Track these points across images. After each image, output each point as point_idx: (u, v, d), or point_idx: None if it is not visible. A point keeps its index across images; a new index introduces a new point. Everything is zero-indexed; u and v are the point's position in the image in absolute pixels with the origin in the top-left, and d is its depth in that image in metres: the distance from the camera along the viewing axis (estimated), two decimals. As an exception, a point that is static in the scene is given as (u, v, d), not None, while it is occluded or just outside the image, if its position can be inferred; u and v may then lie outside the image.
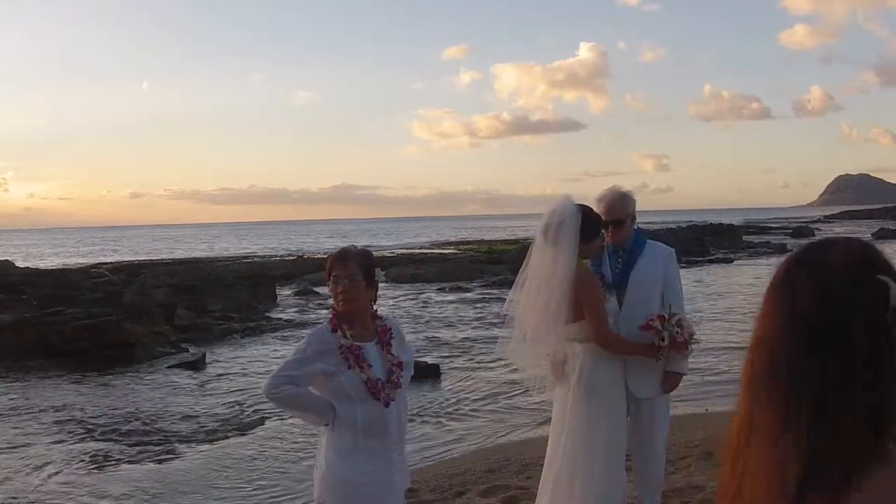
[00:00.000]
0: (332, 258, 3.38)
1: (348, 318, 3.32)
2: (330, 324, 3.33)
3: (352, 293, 3.29)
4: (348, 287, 3.28)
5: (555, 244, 3.93)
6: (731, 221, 65.93)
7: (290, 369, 3.26)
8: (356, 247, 3.53)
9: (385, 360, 3.36)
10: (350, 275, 3.28)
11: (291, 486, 7.09)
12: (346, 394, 3.25)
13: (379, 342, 3.38)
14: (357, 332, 3.32)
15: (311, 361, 3.25)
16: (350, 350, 3.27)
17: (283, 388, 3.25)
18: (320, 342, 3.30)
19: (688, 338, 4.11)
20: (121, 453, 8.23)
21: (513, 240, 48.51)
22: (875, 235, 48.12)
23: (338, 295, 3.29)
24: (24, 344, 13.62)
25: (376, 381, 3.28)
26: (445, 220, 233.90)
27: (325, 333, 3.33)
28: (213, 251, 57.79)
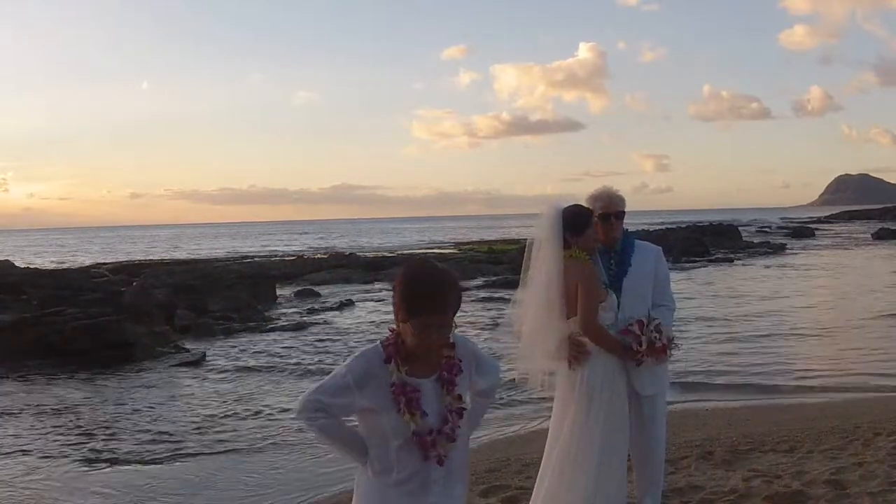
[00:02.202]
0: (423, 299, 2.52)
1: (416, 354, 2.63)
2: (384, 351, 2.62)
3: (445, 341, 2.63)
4: (443, 336, 2.59)
5: (541, 245, 4.02)
6: (733, 220, 65.95)
7: (325, 394, 2.63)
8: (445, 274, 2.62)
9: (443, 403, 2.65)
10: (448, 323, 2.57)
11: (289, 486, 7.09)
12: (385, 437, 2.63)
13: (440, 379, 2.67)
14: (416, 365, 2.62)
15: (350, 392, 2.60)
16: (403, 390, 2.59)
17: (314, 416, 2.64)
18: (365, 372, 2.60)
19: (667, 343, 4.13)
20: (119, 454, 8.22)
21: (513, 240, 48.50)
22: (875, 235, 48.16)
23: (423, 342, 2.56)
24: (24, 344, 13.62)
25: (428, 433, 2.61)
26: (445, 220, 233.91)
27: (373, 362, 2.62)
28: (213, 251, 57.76)
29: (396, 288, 2.57)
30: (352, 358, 2.67)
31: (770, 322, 15.94)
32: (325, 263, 33.72)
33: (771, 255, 37.36)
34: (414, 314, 2.52)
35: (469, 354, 2.75)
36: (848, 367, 11.23)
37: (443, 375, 2.66)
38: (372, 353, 2.64)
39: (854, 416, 7.75)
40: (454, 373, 2.68)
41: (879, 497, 5.04)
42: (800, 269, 29.47)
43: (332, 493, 6.76)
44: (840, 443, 6.61)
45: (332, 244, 65.18)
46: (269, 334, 16.37)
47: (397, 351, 2.61)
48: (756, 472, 5.78)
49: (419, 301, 2.52)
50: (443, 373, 2.67)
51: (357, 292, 24.59)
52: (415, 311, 2.51)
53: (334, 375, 2.65)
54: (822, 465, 5.90)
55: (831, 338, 13.76)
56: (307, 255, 42.90)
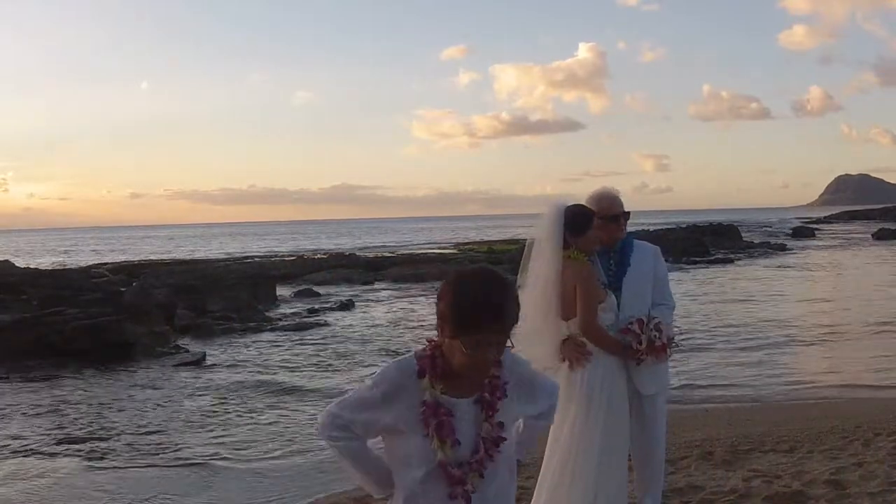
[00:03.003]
0: (480, 313, 2.13)
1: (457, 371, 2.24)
2: (417, 364, 2.26)
3: (498, 358, 2.24)
4: (498, 355, 2.22)
5: (541, 244, 4.02)
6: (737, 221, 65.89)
7: (348, 410, 2.30)
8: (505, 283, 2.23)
9: (479, 430, 2.26)
10: (505, 341, 2.20)
11: (289, 486, 7.10)
12: (409, 464, 2.28)
13: (480, 401, 2.27)
14: (453, 383, 2.24)
15: (376, 407, 2.26)
16: (435, 411, 2.22)
17: (336, 436, 2.32)
18: (395, 385, 2.25)
19: (666, 342, 4.14)
20: (119, 454, 8.21)
21: (513, 240, 48.51)
22: (875, 236, 48.16)
23: (474, 363, 2.19)
24: (24, 344, 13.61)
25: (457, 464, 2.24)
26: (445, 220, 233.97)
27: (405, 375, 2.26)
28: (213, 251, 57.77)
29: (444, 298, 2.19)
30: (381, 369, 2.32)
31: (768, 326, 15.92)
32: (325, 263, 33.72)
33: (771, 256, 37.37)
34: (467, 331, 2.13)
35: (518, 377, 2.34)
36: (847, 371, 11.23)
37: (483, 397, 2.26)
38: (404, 365, 2.27)
39: (854, 416, 7.76)
40: (497, 395, 2.27)
41: (879, 497, 5.05)
42: (800, 270, 29.47)
43: (333, 493, 6.76)
44: (840, 443, 6.61)
45: (332, 245, 65.18)
46: (268, 334, 16.37)
47: (434, 366, 2.23)
48: (756, 472, 5.78)
49: (475, 315, 2.12)
50: (484, 394, 2.26)
51: (357, 292, 24.59)
52: (468, 327, 2.12)
53: (359, 388, 2.33)
54: (822, 465, 5.90)
55: (831, 342, 13.74)
56: (307, 255, 42.91)
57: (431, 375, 2.23)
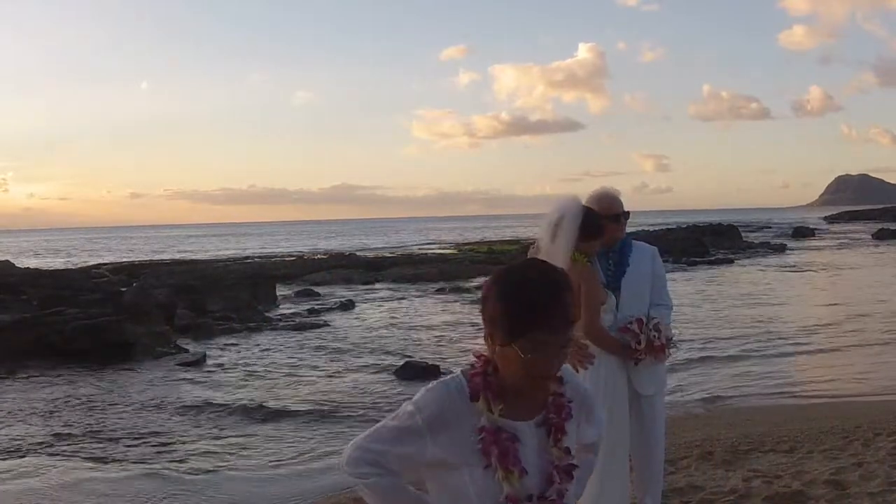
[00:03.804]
0: (538, 309, 1.81)
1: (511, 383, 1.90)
2: (468, 384, 1.91)
3: (561, 364, 1.92)
4: (562, 361, 1.91)
5: (553, 240, 3.96)
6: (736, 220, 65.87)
7: (381, 442, 1.93)
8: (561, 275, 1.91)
9: (548, 457, 1.92)
10: (569, 342, 1.88)
11: (289, 486, 7.10)
12: (468, 502, 1.90)
13: (545, 423, 1.94)
14: (514, 403, 1.90)
15: (418, 438, 1.89)
16: (496, 437, 1.87)
17: (366, 473, 1.94)
18: (442, 411, 1.89)
19: (665, 342, 4.14)
20: (119, 454, 8.21)
21: (513, 240, 48.50)
22: (875, 236, 48.17)
23: (536, 370, 1.86)
24: (24, 344, 13.62)
25: (526, 497, 1.89)
26: (445, 220, 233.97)
27: (454, 398, 1.90)
28: (213, 251, 57.78)
29: (491, 297, 1.86)
30: (422, 392, 1.93)
31: (768, 326, 15.92)
32: (325, 263, 33.72)
33: (771, 256, 37.38)
34: (523, 331, 1.80)
35: (580, 395, 2.04)
36: (847, 372, 11.23)
37: (549, 419, 1.93)
38: (451, 386, 1.91)
39: (854, 416, 7.75)
40: (564, 416, 1.94)
41: (879, 497, 5.05)
42: (800, 271, 29.46)
43: (333, 493, 6.76)
44: (840, 443, 6.61)
45: (332, 245, 65.18)
46: (269, 334, 16.36)
47: (488, 385, 1.88)
48: (756, 472, 5.78)
49: (531, 312, 1.80)
50: (549, 415, 1.93)
51: (357, 292, 24.59)
52: (524, 326, 1.80)
53: (396, 416, 1.94)
54: (822, 465, 5.90)
55: (831, 343, 13.74)
56: (307, 255, 42.91)
57: (487, 396, 1.87)
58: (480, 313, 1.91)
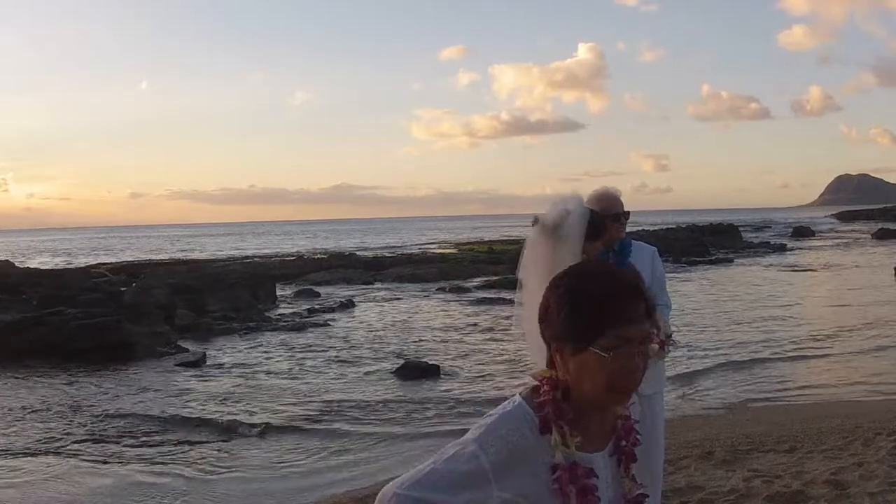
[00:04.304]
0: (614, 300, 1.58)
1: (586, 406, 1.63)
2: (537, 415, 1.62)
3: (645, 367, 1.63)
4: (646, 359, 1.62)
5: (559, 240, 3.94)
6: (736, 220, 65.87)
7: (435, 490, 1.58)
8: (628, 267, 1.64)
9: (620, 489, 1.71)
10: (651, 337, 1.63)
11: (289, 487, 7.10)
12: None
13: (617, 453, 1.70)
14: (586, 431, 1.63)
15: (483, 483, 1.59)
16: (573, 475, 1.61)
17: None
18: (510, 449, 1.60)
19: (664, 339, 4.14)
20: (119, 454, 8.22)
21: (513, 240, 48.52)
22: (875, 235, 48.17)
23: (622, 377, 1.58)
24: (24, 344, 13.62)
25: None
26: (445, 220, 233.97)
27: (521, 432, 1.61)
28: (213, 251, 57.78)
29: (554, 305, 1.62)
30: (484, 427, 1.63)
31: (768, 326, 15.92)
32: (325, 263, 33.73)
33: (771, 256, 37.38)
34: (600, 326, 1.55)
35: (641, 415, 1.81)
36: (847, 372, 11.22)
37: (620, 446, 1.70)
38: (516, 418, 1.62)
39: (854, 416, 7.75)
40: (633, 441, 1.72)
41: (879, 497, 5.04)
42: (800, 271, 29.46)
43: (333, 494, 6.76)
44: (840, 443, 6.61)
45: (332, 245, 65.18)
46: (268, 334, 16.36)
47: (560, 413, 1.60)
48: (756, 472, 5.78)
49: (608, 301, 1.57)
50: (620, 442, 1.70)
51: (357, 292, 24.59)
52: (602, 320, 1.56)
53: (451, 458, 1.60)
54: (822, 465, 5.90)
55: (830, 343, 13.74)
56: (307, 256, 42.91)
57: (560, 427, 1.60)
58: (542, 335, 1.65)
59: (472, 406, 9.84)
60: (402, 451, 8.04)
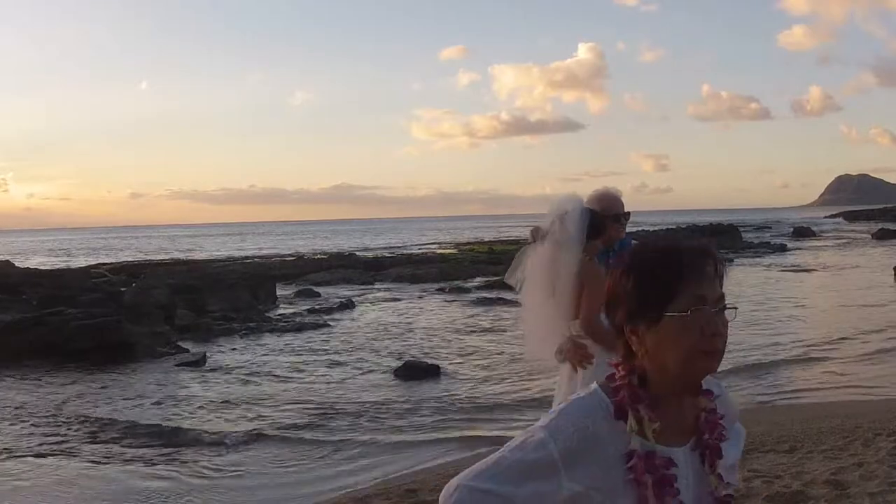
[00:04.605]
0: (682, 264, 1.49)
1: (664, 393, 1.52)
2: (612, 400, 1.52)
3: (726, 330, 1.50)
4: (725, 323, 1.50)
5: (559, 241, 3.96)
6: (736, 220, 65.89)
7: (503, 481, 1.49)
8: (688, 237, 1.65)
9: (705, 487, 1.57)
10: (724, 300, 1.51)
11: (289, 488, 7.10)
12: None
13: (699, 446, 1.57)
14: (666, 422, 1.52)
15: (551, 472, 1.48)
16: (651, 465, 1.50)
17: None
18: (582, 437, 1.49)
19: None
20: (118, 455, 8.22)
21: (513, 240, 48.49)
22: (875, 235, 48.17)
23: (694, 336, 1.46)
24: (24, 344, 13.62)
25: None
26: (445, 220, 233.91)
27: (595, 419, 1.51)
28: (213, 251, 57.79)
29: (623, 282, 1.53)
30: (554, 415, 1.53)
31: (768, 326, 15.91)
32: (325, 263, 33.74)
33: (771, 256, 37.38)
34: (673, 291, 1.46)
35: (731, 409, 1.66)
36: (847, 372, 11.22)
37: (703, 440, 1.56)
38: (590, 405, 1.52)
39: (854, 416, 7.75)
40: (718, 436, 1.58)
41: (879, 497, 5.04)
42: (800, 271, 29.45)
43: (332, 494, 6.77)
44: (840, 443, 6.61)
45: (332, 245, 65.19)
46: (268, 335, 16.36)
47: (637, 397, 1.50)
48: (756, 473, 5.78)
49: (674, 266, 1.48)
50: (703, 436, 1.57)
51: (357, 292, 24.59)
52: (674, 284, 1.47)
53: (518, 447, 1.50)
54: (822, 465, 5.90)
55: (830, 343, 13.74)
56: (307, 256, 42.91)
57: (637, 412, 1.49)
58: (611, 321, 1.56)
59: (472, 404, 9.84)
60: (402, 451, 8.04)
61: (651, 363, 1.51)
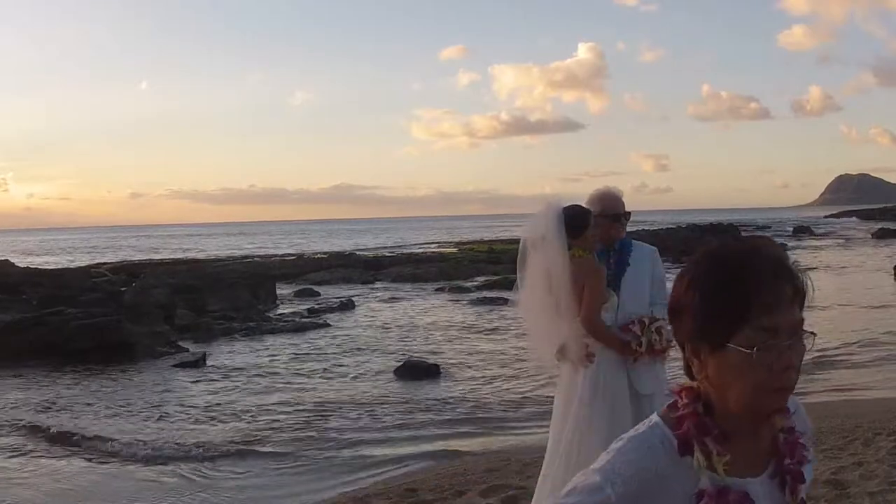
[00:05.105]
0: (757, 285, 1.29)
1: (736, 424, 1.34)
2: (675, 434, 1.36)
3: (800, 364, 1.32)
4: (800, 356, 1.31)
5: (542, 248, 4.01)
6: (736, 220, 65.91)
7: None
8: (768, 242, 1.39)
9: None
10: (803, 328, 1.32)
11: (285, 490, 7.09)
12: None
13: (779, 472, 1.38)
14: (737, 451, 1.33)
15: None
16: (723, 501, 1.32)
17: None
18: (645, 477, 1.33)
19: (665, 345, 4.16)
20: (117, 455, 8.21)
21: (513, 240, 48.50)
22: (875, 235, 48.19)
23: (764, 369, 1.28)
24: (24, 344, 13.63)
25: None
26: (445, 220, 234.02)
27: (657, 455, 1.34)
28: (213, 251, 57.80)
29: (687, 294, 1.33)
30: (611, 454, 1.37)
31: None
32: (325, 263, 33.74)
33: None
34: (742, 316, 1.27)
35: (807, 425, 1.46)
36: (847, 372, 11.22)
37: (784, 466, 1.37)
38: (653, 441, 1.35)
39: (854, 416, 7.75)
40: (799, 459, 1.39)
41: (879, 497, 5.05)
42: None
43: (332, 494, 6.77)
44: (840, 443, 6.61)
45: (332, 244, 65.21)
46: (269, 334, 16.36)
47: (703, 429, 1.33)
48: (756, 472, 5.77)
49: (745, 288, 1.27)
50: (783, 461, 1.37)
51: (357, 292, 24.60)
52: (743, 308, 1.27)
53: (573, 491, 1.38)
54: (823, 465, 5.90)
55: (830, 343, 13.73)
56: (307, 255, 42.92)
57: (704, 446, 1.31)
58: (674, 334, 1.39)
59: (471, 404, 9.85)
60: (402, 451, 8.04)
61: (715, 390, 1.33)
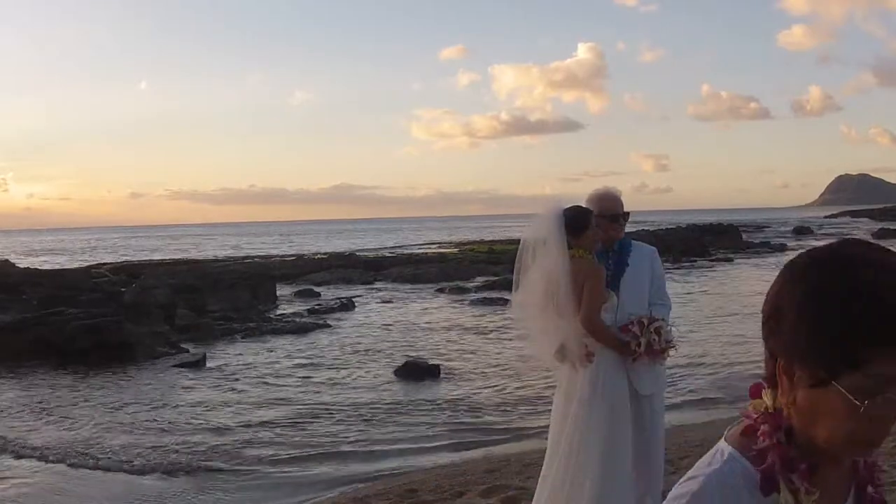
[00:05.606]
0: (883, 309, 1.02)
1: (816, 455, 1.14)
2: (756, 470, 1.13)
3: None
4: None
5: (543, 250, 4.02)
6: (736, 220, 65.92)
7: None
8: None
9: None
10: None
11: (285, 491, 7.09)
12: None
13: (862, 502, 1.24)
14: (819, 480, 1.14)
15: None
16: None
17: None
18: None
19: (664, 346, 4.16)
20: (117, 455, 8.21)
21: (513, 240, 48.50)
22: (875, 235, 48.19)
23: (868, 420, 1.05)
24: (24, 344, 13.62)
25: None
26: (445, 220, 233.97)
27: (736, 497, 1.12)
28: (213, 251, 57.79)
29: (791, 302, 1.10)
30: (681, 492, 1.15)
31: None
32: (325, 263, 33.72)
33: (771, 255, 37.39)
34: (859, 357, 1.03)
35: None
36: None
37: (866, 495, 1.24)
38: (730, 479, 1.14)
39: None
40: (880, 484, 1.26)
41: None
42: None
43: (331, 494, 6.77)
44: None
45: (332, 245, 65.21)
46: (269, 335, 16.36)
47: (788, 463, 1.13)
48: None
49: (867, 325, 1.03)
50: (864, 490, 1.23)
51: (357, 292, 24.59)
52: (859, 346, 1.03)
53: None
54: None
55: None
56: (307, 256, 42.91)
57: (790, 482, 1.13)
58: (766, 336, 1.15)
59: (471, 404, 9.84)
60: (402, 451, 8.04)
61: (798, 419, 1.13)
